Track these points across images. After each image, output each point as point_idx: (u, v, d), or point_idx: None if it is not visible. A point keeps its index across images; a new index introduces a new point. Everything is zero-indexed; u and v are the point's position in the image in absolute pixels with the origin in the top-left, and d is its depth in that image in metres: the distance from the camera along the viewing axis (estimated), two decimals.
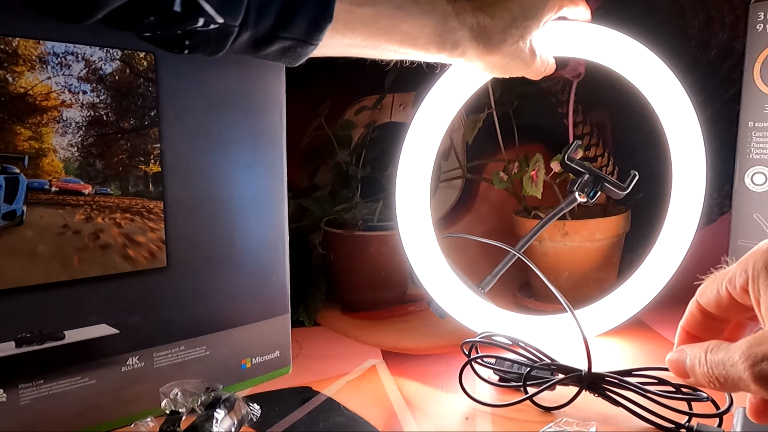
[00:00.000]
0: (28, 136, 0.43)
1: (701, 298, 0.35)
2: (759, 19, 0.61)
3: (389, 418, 0.51)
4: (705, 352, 0.31)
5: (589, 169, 0.60)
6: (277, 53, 0.42)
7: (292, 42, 0.41)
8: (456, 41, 0.48)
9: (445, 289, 0.63)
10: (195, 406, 0.44)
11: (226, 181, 0.53)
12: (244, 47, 0.41)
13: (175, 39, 0.39)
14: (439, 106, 0.62)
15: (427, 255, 0.63)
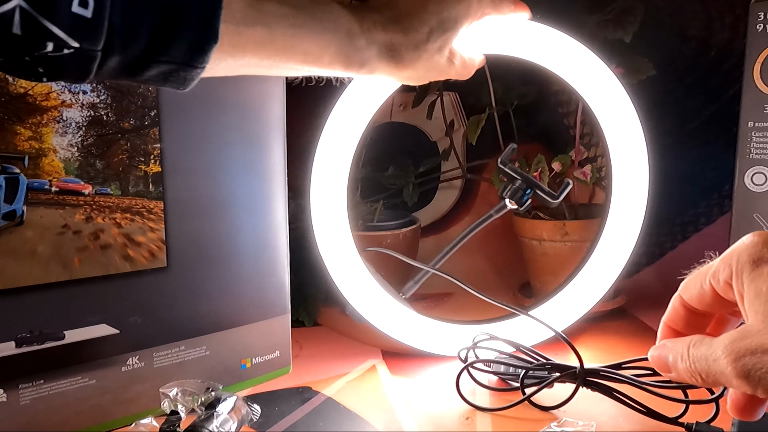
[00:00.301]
0: (28, 136, 0.43)
1: (684, 293, 0.35)
2: (759, 19, 0.61)
3: (389, 418, 0.51)
4: (687, 347, 0.31)
5: (521, 175, 0.58)
6: (158, 78, 0.37)
7: (173, 66, 0.36)
8: (363, 61, 0.44)
9: (365, 295, 0.61)
10: (195, 406, 0.44)
11: (227, 181, 0.53)
12: (116, 72, 0.35)
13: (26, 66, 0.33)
14: (352, 111, 0.59)
15: (345, 261, 0.60)
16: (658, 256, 0.86)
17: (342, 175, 0.59)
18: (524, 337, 0.60)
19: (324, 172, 0.59)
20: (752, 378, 0.28)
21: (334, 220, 0.60)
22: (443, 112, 0.87)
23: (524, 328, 0.62)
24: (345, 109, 0.58)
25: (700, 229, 0.84)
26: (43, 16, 0.30)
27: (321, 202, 0.59)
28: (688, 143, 0.85)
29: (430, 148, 0.90)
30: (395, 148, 0.88)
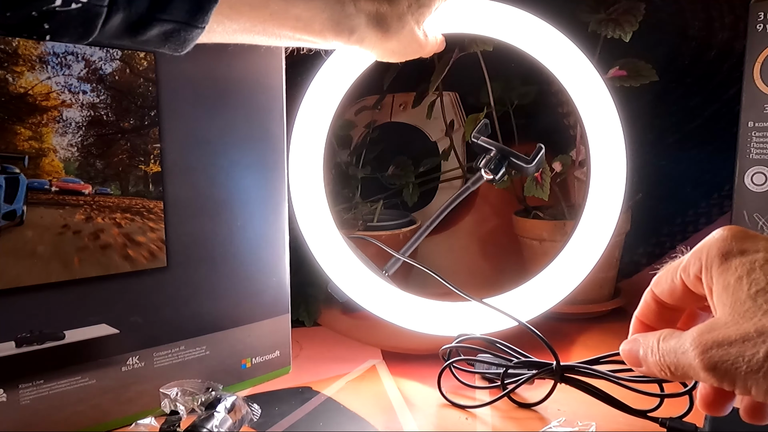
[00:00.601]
0: (28, 136, 0.43)
1: (656, 287, 0.35)
2: (759, 19, 0.61)
3: (389, 418, 0.51)
4: (657, 340, 0.31)
5: (495, 145, 0.58)
6: (158, 38, 0.38)
7: (174, 25, 0.38)
8: (352, 27, 0.46)
9: (348, 273, 0.61)
10: (195, 406, 0.44)
11: (227, 181, 0.53)
12: (119, 31, 0.37)
13: (31, 22, 0.34)
14: (324, 92, 0.61)
15: (327, 239, 0.61)
16: (658, 256, 0.86)
17: (318, 155, 0.60)
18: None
19: (300, 154, 0.60)
20: (719, 370, 0.28)
21: (313, 200, 0.60)
22: (443, 112, 0.87)
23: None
24: (316, 94, 0.60)
25: (700, 229, 0.84)
26: None
27: (300, 184, 0.60)
28: (688, 143, 0.85)
29: (430, 148, 0.90)
30: (395, 148, 0.88)
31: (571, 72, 0.59)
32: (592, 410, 0.50)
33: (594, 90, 0.59)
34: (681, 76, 0.83)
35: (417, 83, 0.84)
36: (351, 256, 0.61)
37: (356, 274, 0.61)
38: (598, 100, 0.59)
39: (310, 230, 0.61)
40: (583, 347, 0.66)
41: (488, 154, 0.58)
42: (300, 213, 0.61)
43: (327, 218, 0.61)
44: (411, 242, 0.63)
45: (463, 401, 0.53)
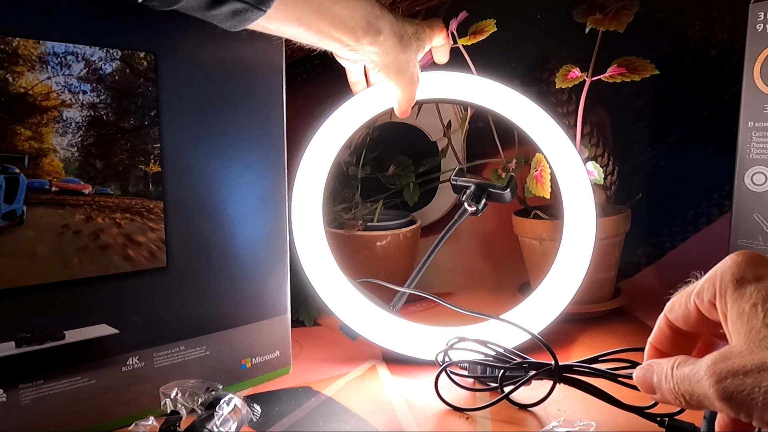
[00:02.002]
0: (28, 136, 0.43)
1: (670, 313, 0.34)
2: (759, 19, 0.61)
3: (389, 418, 0.51)
4: (671, 367, 0.31)
5: (473, 182, 0.65)
6: (226, 15, 0.44)
7: (244, 5, 0.44)
8: (380, 28, 0.53)
9: (354, 309, 0.63)
10: (195, 406, 0.44)
11: (227, 181, 0.53)
12: (197, 4, 0.43)
13: None
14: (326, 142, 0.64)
15: (332, 279, 0.63)
16: (658, 256, 0.86)
17: (318, 211, 0.63)
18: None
19: (302, 208, 0.63)
20: (734, 401, 0.27)
21: (317, 249, 0.63)
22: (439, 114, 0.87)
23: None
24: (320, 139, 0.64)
25: (700, 229, 0.84)
26: None
27: (304, 235, 0.62)
28: (688, 143, 0.85)
29: (430, 148, 0.90)
30: (395, 148, 0.88)
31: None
32: (592, 410, 0.50)
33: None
34: (681, 76, 0.83)
35: None
36: (359, 297, 0.62)
37: (366, 312, 0.62)
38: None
39: (319, 277, 0.63)
40: (583, 347, 0.66)
41: (468, 189, 0.65)
42: (306, 263, 0.62)
43: (332, 265, 0.63)
44: (414, 275, 0.65)
45: (462, 403, 0.53)
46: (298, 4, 0.47)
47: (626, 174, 0.85)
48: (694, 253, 0.83)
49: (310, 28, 0.49)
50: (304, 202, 0.62)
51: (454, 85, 0.65)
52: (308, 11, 0.48)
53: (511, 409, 0.51)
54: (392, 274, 0.79)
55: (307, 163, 0.63)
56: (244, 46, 0.52)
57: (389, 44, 0.54)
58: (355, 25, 0.51)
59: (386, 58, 0.55)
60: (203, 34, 0.50)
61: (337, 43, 0.52)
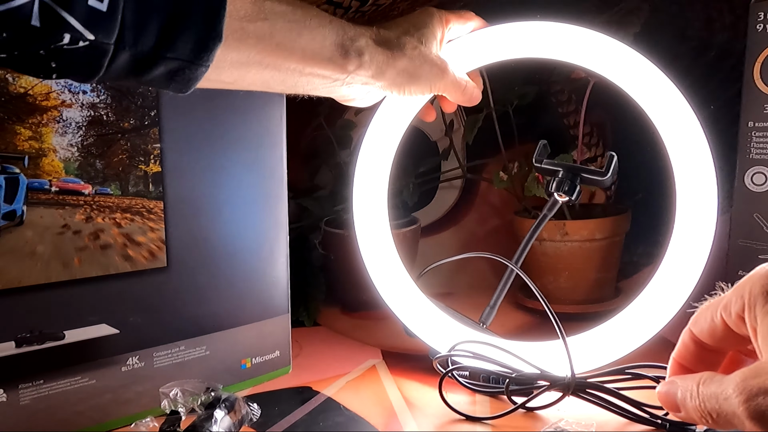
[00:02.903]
0: (28, 136, 0.43)
1: (694, 326, 0.33)
2: (759, 19, 0.61)
3: (389, 418, 0.51)
4: (697, 384, 0.29)
5: (561, 165, 0.56)
6: (163, 77, 0.38)
7: (179, 63, 0.37)
8: (360, 49, 0.46)
9: (442, 330, 0.58)
10: (195, 406, 0.44)
11: (226, 181, 0.53)
12: (124, 70, 0.36)
13: (39, 61, 0.34)
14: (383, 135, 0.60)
15: (411, 297, 0.59)
16: (658, 256, 0.86)
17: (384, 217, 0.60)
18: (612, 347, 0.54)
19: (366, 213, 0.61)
20: (765, 419, 0.25)
21: (387, 260, 0.60)
22: (442, 112, 0.87)
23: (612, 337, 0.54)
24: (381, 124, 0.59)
25: None
26: (61, 8, 0.31)
27: (372, 244, 0.60)
28: None
29: (430, 148, 0.90)
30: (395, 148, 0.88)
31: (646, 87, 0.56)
32: (591, 409, 0.49)
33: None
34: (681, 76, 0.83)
35: None
36: (442, 315, 0.58)
37: (455, 334, 0.57)
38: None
39: (395, 298, 0.59)
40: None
41: (557, 176, 0.55)
42: (377, 279, 0.59)
43: (409, 282, 0.60)
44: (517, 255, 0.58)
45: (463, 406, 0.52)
46: (250, 47, 0.40)
47: (626, 174, 0.85)
48: None
49: (277, 70, 0.43)
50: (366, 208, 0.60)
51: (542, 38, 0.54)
52: (266, 51, 0.41)
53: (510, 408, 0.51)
54: None
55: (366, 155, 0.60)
56: None
57: (379, 59, 0.47)
58: (332, 54, 0.44)
59: (386, 76, 0.48)
60: None
61: (320, 80, 0.46)
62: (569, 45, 0.54)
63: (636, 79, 0.54)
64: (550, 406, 0.50)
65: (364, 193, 0.61)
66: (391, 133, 0.60)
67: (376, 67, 0.47)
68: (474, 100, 0.55)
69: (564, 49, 0.54)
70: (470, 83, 0.55)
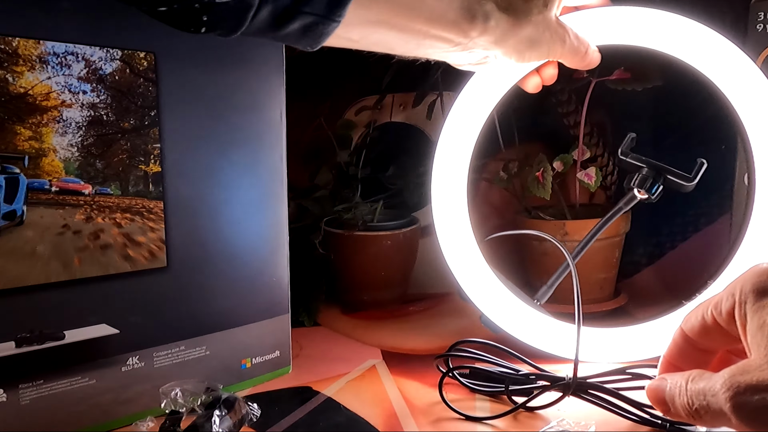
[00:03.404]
0: (28, 136, 0.43)
1: (685, 324, 0.33)
2: (759, 19, 0.61)
3: (389, 418, 0.51)
4: (686, 381, 0.30)
5: (647, 162, 0.55)
6: (298, 32, 0.39)
7: (314, 18, 0.38)
8: (486, 13, 0.44)
9: (496, 301, 0.59)
10: (195, 406, 0.44)
11: (227, 181, 0.53)
12: (264, 25, 0.38)
13: (192, 14, 0.36)
14: (471, 107, 0.60)
15: (472, 265, 0.60)
16: (658, 256, 0.86)
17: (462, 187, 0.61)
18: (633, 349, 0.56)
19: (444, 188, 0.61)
20: (752, 417, 0.26)
21: (459, 232, 0.60)
22: (443, 112, 0.87)
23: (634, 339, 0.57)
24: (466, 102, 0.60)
25: (700, 229, 0.84)
26: None
27: (445, 218, 0.60)
28: (688, 143, 0.85)
29: (430, 148, 0.89)
30: (395, 148, 0.88)
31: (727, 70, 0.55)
32: (591, 409, 0.49)
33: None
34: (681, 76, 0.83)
35: (417, 83, 0.84)
36: (500, 287, 0.59)
37: (507, 304, 0.59)
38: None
39: (459, 265, 0.60)
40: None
41: (641, 173, 0.55)
42: (446, 248, 0.60)
43: (475, 250, 0.60)
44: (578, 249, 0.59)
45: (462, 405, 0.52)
46: (380, 5, 0.41)
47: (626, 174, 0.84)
48: (694, 253, 0.83)
49: (403, 30, 0.43)
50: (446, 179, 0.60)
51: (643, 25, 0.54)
52: (395, 11, 0.41)
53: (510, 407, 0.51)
54: (392, 274, 0.79)
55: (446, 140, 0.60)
56: (244, 46, 0.52)
57: (504, 26, 0.45)
58: (457, 17, 0.43)
59: (508, 42, 0.47)
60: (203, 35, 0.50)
61: (442, 43, 0.45)
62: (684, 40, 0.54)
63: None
64: (550, 406, 0.50)
65: (445, 157, 0.61)
66: (483, 102, 0.60)
67: (501, 33, 0.46)
68: (592, 63, 0.54)
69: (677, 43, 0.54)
70: (590, 47, 0.53)
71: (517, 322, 0.59)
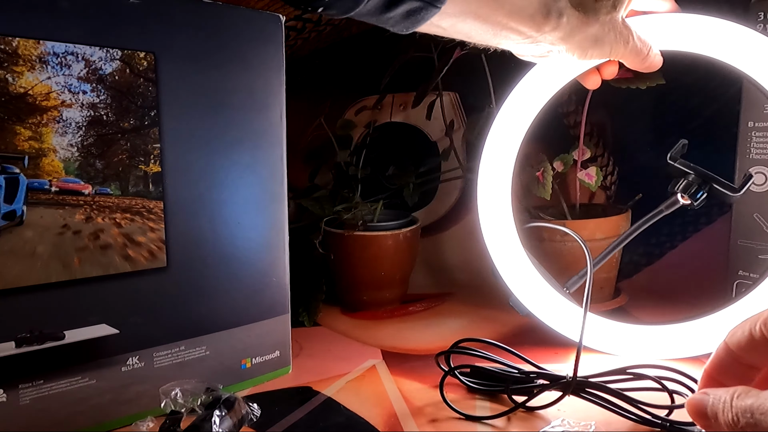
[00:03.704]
0: (28, 136, 0.43)
1: (730, 339, 0.32)
2: (759, 19, 0.61)
3: (389, 418, 0.51)
4: (731, 397, 0.29)
5: (695, 169, 0.55)
6: (401, 16, 0.41)
7: (420, 3, 0.41)
8: (560, 9, 0.46)
9: (526, 286, 0.61)
10: (195, 406, 0.44)
11: (227, 181, 0.53)
12: (375, 8, 0.40)
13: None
14: (522, 104, 0.62)
15: (507, 248, 0.62)
16: (658, 256, 0.86)
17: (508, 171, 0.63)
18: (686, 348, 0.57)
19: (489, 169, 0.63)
20: None
21: (499, 214, 0.62)
22: (443, 112, 0.87)
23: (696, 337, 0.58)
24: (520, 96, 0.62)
25: (700, 229, 0.84)
26: None
27: (487, 200, 0.63)
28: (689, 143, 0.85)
29: (430, 148, 0.90)
30: (395, 148, 0.88)
31: None
32: (591, 409, 0.49)
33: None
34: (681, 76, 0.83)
35: (417, 83, 0.84)
36: (532, 270, 0.60)
37: (537, 288, 0.61)
38: None
39: (495, 244, 0.62)
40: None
41: (687, 179, 0.55)
42: (486, 228, 0.62)
43: (512, 232, 0.62)
44: (604, 254, 0.61)
45: (462, 405, 0.52)
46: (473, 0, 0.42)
47: (626, 174, 0.84)
48: (694, 252, 0.83)
49: (486, 21, 0.44)
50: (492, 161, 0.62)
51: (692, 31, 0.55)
52: (484, 3, 0.43)
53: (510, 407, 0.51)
54: (392, 274, 0.79)
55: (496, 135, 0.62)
56: (244, 45, 0.52)
57: (573, 23, 0.47)
58: (534, 12, 0.45)
59: (575, 39, 0.48)
60: (203, 34, 0.50)
61: (516, 35, 0.46)
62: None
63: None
64: (550, 405, 0.50)
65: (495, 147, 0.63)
66: (539, 95, 0.62)
67: (570, 30, 0.47)
68: (654, 66, 0.55)
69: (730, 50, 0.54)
70: (652, 50, 0.54)
71: (545, 307, 0.61)
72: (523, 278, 0.61)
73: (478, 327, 0.72)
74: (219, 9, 0.51)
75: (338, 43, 0.89)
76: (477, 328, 0.71)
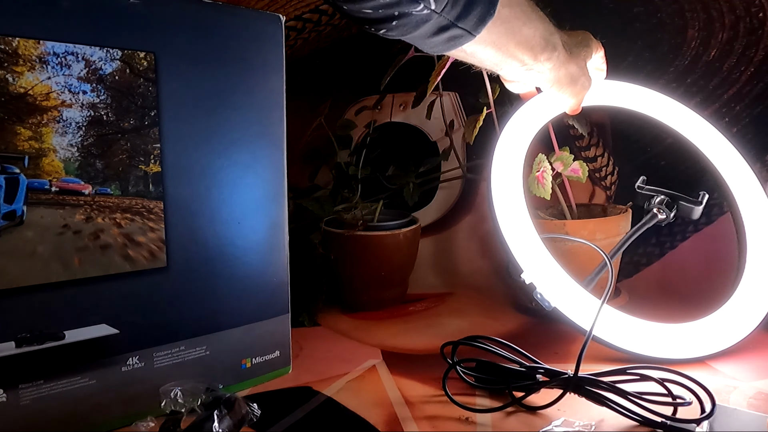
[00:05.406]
0: (28, 136, 0.43)
1: None
2: None
3: (389, 418, 0.51)
4: None
5: (664, 192, 0.63)
6: (443, 41, 0.45)
7: (462, 32, 0.44)
8: (555, 44, 0.53)
9: (550, 280, 0.63)
10: (195, 406, 0.44)
11: (226, 181, 0.53)
12: (427, 33, 0.44)
13: (387, 19, 0.42)
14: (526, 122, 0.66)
15: (529, 245, 0.64)
16: (658, 256, 0.86)
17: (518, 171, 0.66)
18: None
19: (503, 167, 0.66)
20: None
21: (516, 211, 0.66)
22: (443, 112, 0.87)
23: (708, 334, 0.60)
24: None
25: (700, 229, 0.84)
26: None
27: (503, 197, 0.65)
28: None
29: (430, 148, 0.90)
30: (395, 148, 0.89)
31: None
32: (592, 410, 0.49)
33: None
34: (681, 76, 0.83)
35: (417, 83, 0.84)
36: (556, 267, 0.62)
37: (561, 284, 0.62)
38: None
39: (514, 236, 0.64)
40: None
41: (657, 198, 0.63)
42: (503, 224, 0.64)
43: (529, 226, 0.65)
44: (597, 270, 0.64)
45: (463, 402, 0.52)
46: (497, 27, 0.47)
47: (626, 174, 0.84)
48: (694, 253, 0.83)
49: (500, 49, 0.49)
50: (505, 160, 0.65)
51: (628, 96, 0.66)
52: (503, 33, 0.48)
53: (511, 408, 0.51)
54: (392, 274, 0.79)
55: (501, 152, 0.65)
56: (244, 46, 0.53)
57: (562, 58, 0.54)
58: (536, 44, 0.51)
59: (559, 72, 0.56)
60: (203, 34, 0.50)
61: (516, 63, 0.52)
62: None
63: None
64: (550, 405, 0.50)
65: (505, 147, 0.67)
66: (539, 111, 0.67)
67: (557, 64, 0.54)
68: (575, 112, 0.64)
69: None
70: (581, 103, 0.63)
71: (567, 302, 0.62)
72: (543, 274, 0.63)
73: (478, 327, 0.72)
74: (219, 9, 0.51)
75: (338, 43, 0.89)
76: (477, 328, 0.71)
